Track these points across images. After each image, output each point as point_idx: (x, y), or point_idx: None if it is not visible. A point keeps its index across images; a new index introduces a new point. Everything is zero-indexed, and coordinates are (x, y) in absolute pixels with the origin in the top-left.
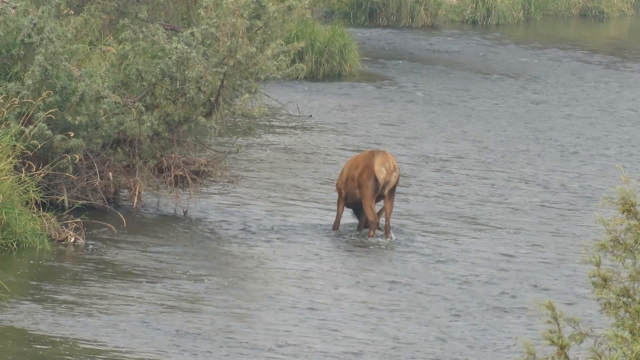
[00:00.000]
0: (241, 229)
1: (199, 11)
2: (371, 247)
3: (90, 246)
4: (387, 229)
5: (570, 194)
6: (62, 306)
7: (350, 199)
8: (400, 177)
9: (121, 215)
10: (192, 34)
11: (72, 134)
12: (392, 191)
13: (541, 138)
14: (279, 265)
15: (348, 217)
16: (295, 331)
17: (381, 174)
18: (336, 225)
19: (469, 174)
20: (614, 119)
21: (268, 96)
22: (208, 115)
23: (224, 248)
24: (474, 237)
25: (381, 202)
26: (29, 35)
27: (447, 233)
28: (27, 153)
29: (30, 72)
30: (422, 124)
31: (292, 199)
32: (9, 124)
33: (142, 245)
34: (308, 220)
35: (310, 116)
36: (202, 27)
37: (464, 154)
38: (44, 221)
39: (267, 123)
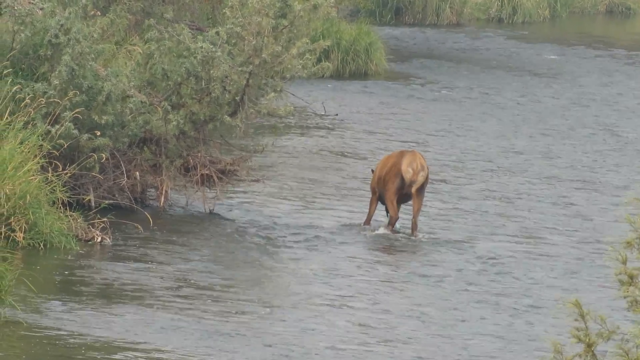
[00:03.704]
0: (267, 229)
1: (224, 11)
2: (398, 244)
3: (118, 246)
4: (413, 227)
5: (600, 192)
6: (89, 305)
7: (383, 199)
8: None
9: (148, 215)
10: (218, 33)
11: (98, 133)
12: (420, 190)
13: (569, 136)
14: (306, 265)
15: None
16: (327, 332)
17: (408, 173)
18: (367, 221)
19: (496, 172)
20: None
21: (294, 95)
22: (233, 114)
23: (251, 248)
24: (503, 236)
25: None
26: (56, 36)
27: (474, 231)
28: (54, 153)
29: (57, 72)
30: (448, 122)
31: (318, 198)
32: (35, 124)
33: (170, 245)
34: (335, 220)
35: (336, 115)
36: (228, 26)
37: (491, 153)
38: (71, 221)
39: (293, 122)
